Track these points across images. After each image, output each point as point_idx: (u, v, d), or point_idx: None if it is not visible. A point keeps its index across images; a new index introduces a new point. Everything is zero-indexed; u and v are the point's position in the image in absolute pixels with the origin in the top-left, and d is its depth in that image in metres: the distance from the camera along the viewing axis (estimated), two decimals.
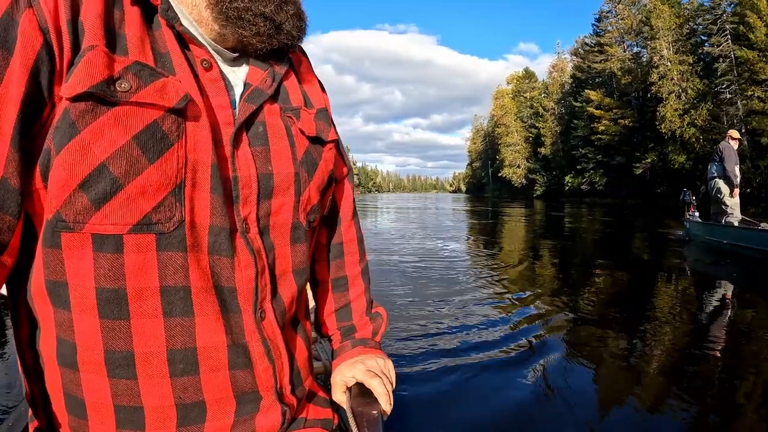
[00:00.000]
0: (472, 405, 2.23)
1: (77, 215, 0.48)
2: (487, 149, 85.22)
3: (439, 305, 3.95)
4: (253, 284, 0.56)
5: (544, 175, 56.30)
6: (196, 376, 0.54)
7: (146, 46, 0.52)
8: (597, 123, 40.67)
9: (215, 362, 0.54)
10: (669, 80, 32.81)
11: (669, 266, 6.29)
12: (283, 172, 0.61)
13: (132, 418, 0.52)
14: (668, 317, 3.64)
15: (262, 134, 0.60)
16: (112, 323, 0.50)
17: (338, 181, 0.80)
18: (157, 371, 0.52)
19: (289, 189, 0.61)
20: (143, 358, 0.51)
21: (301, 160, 0.63)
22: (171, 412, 0.53)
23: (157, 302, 0.51)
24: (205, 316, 0.53)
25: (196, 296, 0.53)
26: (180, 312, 0.52)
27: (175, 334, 0.52)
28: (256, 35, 0.58)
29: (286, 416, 0.61)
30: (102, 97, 0.47)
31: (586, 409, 2.17)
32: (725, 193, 7.14)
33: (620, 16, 40.94)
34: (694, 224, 8.24)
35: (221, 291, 0.55)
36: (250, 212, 0.57)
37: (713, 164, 7.34)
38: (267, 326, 0.59)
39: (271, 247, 0.60)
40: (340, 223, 0.82)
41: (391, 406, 0.70)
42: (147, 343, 0.51)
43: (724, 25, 29.74)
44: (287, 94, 0.66)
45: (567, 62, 55.50)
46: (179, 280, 0.52)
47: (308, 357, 0.69)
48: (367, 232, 8.27)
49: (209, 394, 0.55)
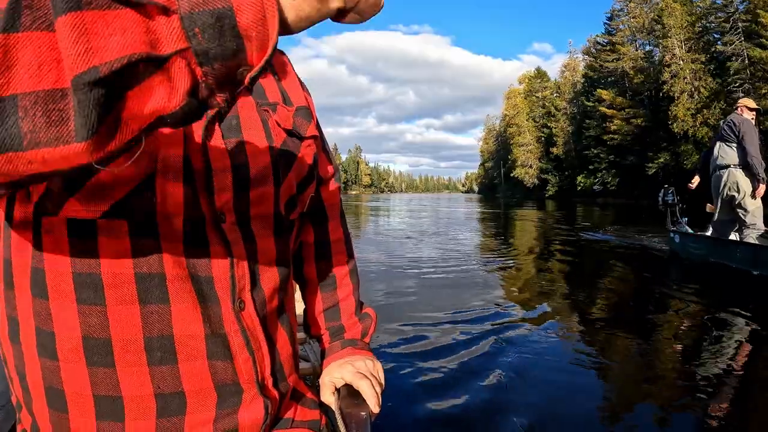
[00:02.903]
0: (463, 406, 2.25)
1: (52, 200, 0.50)
2: (499, 149, 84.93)
3: (433, 307, 4.06)
4: (228, 274, 0.57)
5: (556, 176, 56.12)
6: (174, 366, 0.54)
7: None
8: (609, 123, 40.47)
9: (193, 351, 0.55)
10: (681, 79, 32.58)
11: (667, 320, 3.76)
12: (260, 162, 0.61)
13: (112, 408, 0.53)
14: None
15: (236, 126, 0.60)
16: (89, 308, 0.51)
17: (324, 181, 0.81)
18: (135, 359, 0.53)
19: (268, 179, 0.62)
20: (120, 346, 0.52)
21: (279, 151, 0.64)
22: (150, 402, 0.54)
23: (133, 289, 0.52)
24: (181, 304, 0.54)
25: (171, 283, 0.53)
26: (156, 299, 0.53)
27: (151, 321, 0.53)
28: None
29: (268, 410, 0.61)
30: None
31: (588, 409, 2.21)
32: (745, 191, 4.78)
33: (632, 14, 40.66)
34: (687, 238, 5.91)
35: (198, 280, 0.55)
36: (226, 202, 0.57)
37: (722, 146, 5.01)
38: (246, 317, 0.59)
39: (251, 237, 0.60)
40: (328, 222, 0.83)
41: (380, 407, 0.71)
42: (123, 330, 0.52)
43: (737, 23, 29.47)
44: (263, 90, 0.67)
45: (579, 61, 55.23)
46: (153, 267, 0.52)
47: (293, 353, 0.69)
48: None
49: (188, 385, 0.55)
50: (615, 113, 39.93)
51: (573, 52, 58.04)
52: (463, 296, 4.58)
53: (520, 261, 6.97)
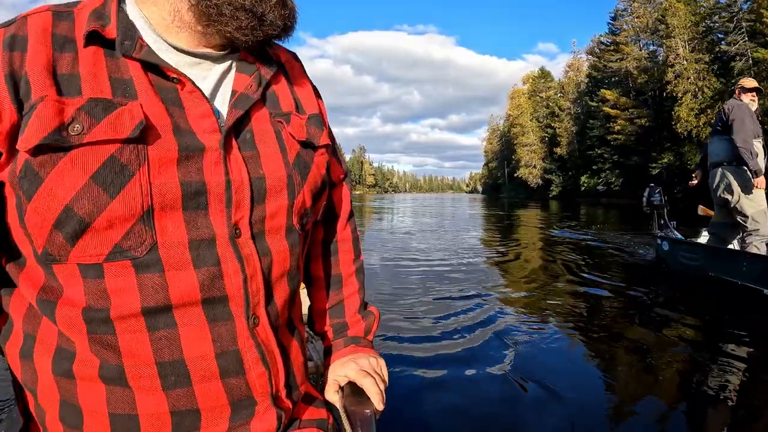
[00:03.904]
0: (467, 404, 2.27)
1: (59, 249, 0.51)
2: (503, 149, 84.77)
3: (437, 307, 4.11)
4: (242, 291, 0.57)
5: (560, 176, 55.94)
6: (189, 387, 0.55)
7: (101, 78, 0.53)
8: (613, 123, 40.35)
9: (206, 372, 0.55)
10: (685, 79, 32.44)
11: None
12: (275, 175, 0.61)
13: (127, 425, 0.54)
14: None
15: (250, 140, 0.61)
16: (100, 338, 0.53)
17: (336, 184, 0.83)
18: (149, 384, 0.54)
19: (282, 192, 0.62)
20: (134, 372, 0.53)
21: (293, 164, 0.64)
22: (166, 419, 0.54)
23: (141, 321, 0.53)
24: (189, 327, 0.54)
25: (178, 311, 0.54)
26: (163, 325, 0.54)
27: (161, 347, 0.53)
28: (239, 29, 0.58)
29: (282, 420, 0.62)
30: (56, 145, 0.49)
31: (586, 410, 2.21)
32: (740, 193, 4.00)
33: (636, 14, 40.53)
34: (679, 246, 4.89)
35: (210, 301, 0.55)
36: (242, 217, 0.57)
37: (714, 140, 4.33)
38: (261, 332, 0.59)
39: (266, 251, 0.60)
40: (337, 222, 0.85)
41: (384, 404, 0.71)
42: (135, 358, 0.53)
43: (741, 22, 29.38)
44: (277, 99, 0.67)
45: (583, 61, 55.13)
46: (160, 299, 0.53)
47: (304, 360, 0.70)
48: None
49: (203, 403, 0.56)
50: (619, 113, 39.82)
51: (577, 52, 58.06)
52: (463, 295, 4.62)
53: (527, 256, 6.93)
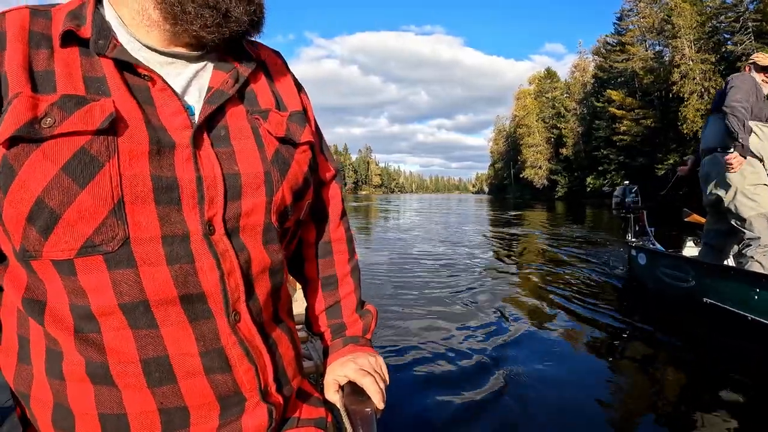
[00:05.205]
0: (467, 402, 2.29)
1: (33, 244, 0.52)
2: (509, 150, 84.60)
3: (436, 306, 4.16)
4: (220, 287, 0.56)
5: (566, 177, 55.79)
6: (174, 384, 0.55)
7: (76, 77, 0.55)
8: (619, 123, 40.25)
9: (191, 368, 0.55)
10: (691, 80, 32.33)
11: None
12: (251, 172, 0.61)
13: (117, 425, 0.54)
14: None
15: (225, 137, 0.60)
16: (86, 336, 0.53)
17: (325, 182, 0.82)
18: (135, 381, 0.54)
19: (260, 189, 0.61)
20: (119, 369, 0.53)
21: (272, 160, 0.63)
22: (155, 417, 0.54)
23: (121, 317, 0.53)
24: (170, 326, 0.54)
25: (156, 308, 0.53)
26: (145, 325, 0.53)
27: (145, 344, 0.53)
28: (204, 27, 0.58)
29: (273, 415, 0.62)
30: (28, 137, 0.50)
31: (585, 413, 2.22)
32: (737, 187, 2.98)
33: (642, 14, 40.39)
34: (661, 259, 3.79)
35: (187, 298, 0.55)
36: (215, 213, 0.57)
37: (709, 120, 3.34)
38: (243, 327, 0.59)
39: (243, 248, 0.59)
40: (329, 222, 0.84)
41: (385, 403, 0.71)
42: (120, 355, 0.53)
43: (747, 22, 29.27)
44: (255, 96, 0.67)
45: (589, 62, 54.97)
46: (135, 295, 0.52)
47: (295, 355, 0.70)
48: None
49: (191, 400, 0.56)
50: (625, 114, 39.72)
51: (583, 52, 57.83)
52: (464, 295, 4.67)
53: (528, 260, 6.89)
